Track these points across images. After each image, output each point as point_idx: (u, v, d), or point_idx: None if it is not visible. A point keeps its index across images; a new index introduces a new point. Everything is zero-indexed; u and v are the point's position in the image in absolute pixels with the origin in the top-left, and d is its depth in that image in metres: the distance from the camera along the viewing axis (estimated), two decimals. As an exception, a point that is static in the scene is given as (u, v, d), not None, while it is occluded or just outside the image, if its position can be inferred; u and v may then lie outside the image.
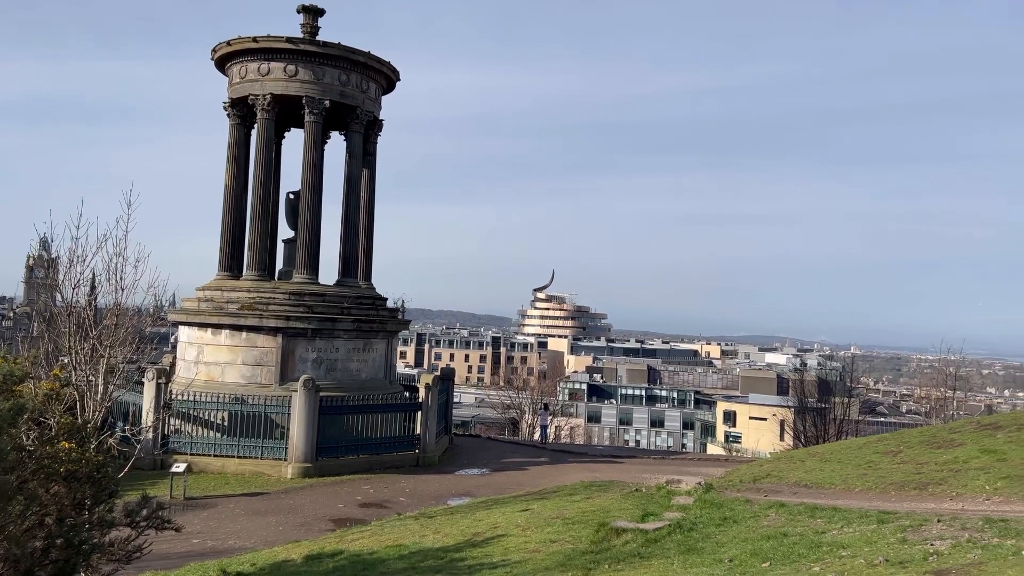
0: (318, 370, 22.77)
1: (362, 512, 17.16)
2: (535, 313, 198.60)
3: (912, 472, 13.18)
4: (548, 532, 11.68)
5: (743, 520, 10.97)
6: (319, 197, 24.59)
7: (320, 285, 24.35)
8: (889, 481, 12.99)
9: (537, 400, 55.20)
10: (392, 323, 25.53)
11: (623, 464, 24.75)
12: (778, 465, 17.16)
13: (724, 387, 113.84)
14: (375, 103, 25.92)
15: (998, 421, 16.66)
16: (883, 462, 14.80)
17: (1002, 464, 12.30)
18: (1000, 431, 14.98)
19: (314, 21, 24.50)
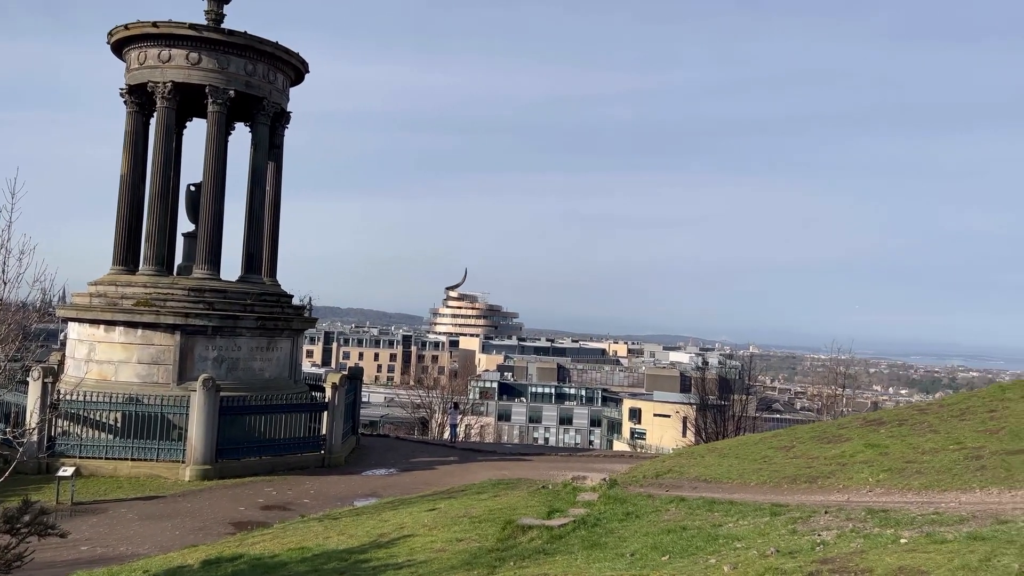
0: (219, 369, 22.02)
1: (264, 515, 16.70)
2: (447, 312, 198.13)
3: (803, 466, 13.81)
4: (455, 531, 11.66)
5: (645, 515, 11.24)
6: (222, 190, 23.78)
7: (222, 281, 23.56)
8: (783, 475, 13.56)
9: (447, 399, 55.08)
10: (298, 321, 24.96)
11: (531, 462, 24.99)
12: (679, 461, 17.67)
13: (631, 385, 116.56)
14: (283, 95, 25.27)
15: (881, 417, 17.66)
16: (777, 457, 15.45)
17: (884, 458, 13.04)
18: (883, 426, 15.88)
19: (219, 8, 23.69)
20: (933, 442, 13.43)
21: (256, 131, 24.70)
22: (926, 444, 13.38)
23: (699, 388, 44.86)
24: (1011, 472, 10.46)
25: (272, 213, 25.87)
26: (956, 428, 14.14)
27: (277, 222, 26.23)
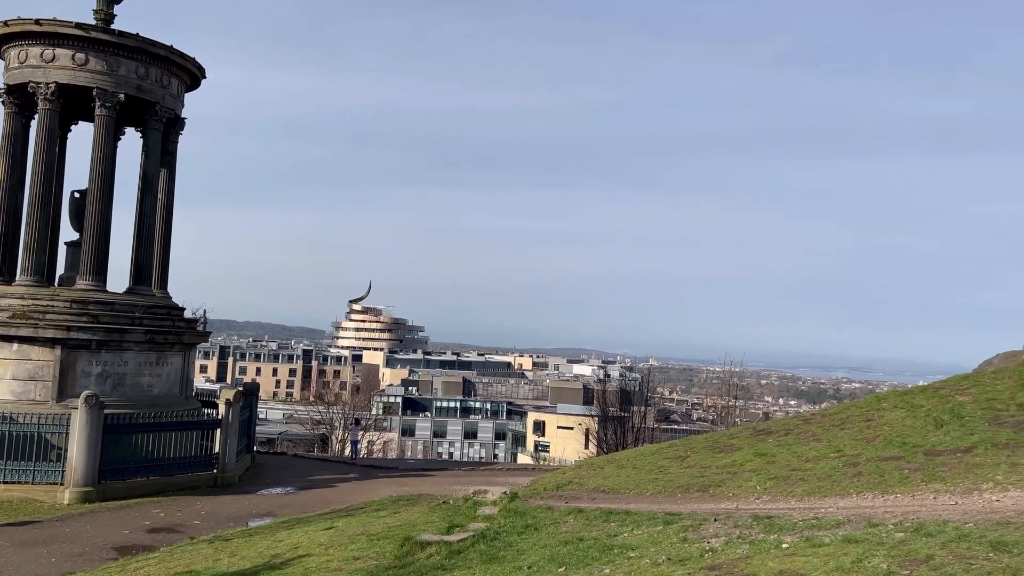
0: (103, 385, 20.90)
1: (150, 538, 15.91)
2: (350, 325, 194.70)
3: (696, 475, 14.26)
4: (352, 549, 11.43)
5: (544, 527, 11.34)
6: (109, 197, 22.67)
7: (108, 293, 22.41)
8: (677, 484, 13.96)
9: (349, 415, 54.05)
10: (190, 335, 23.99)
11: (434, 477, 24.81)
12: (579, 472, 17.93)
13: (535, 398, 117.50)
14: (177, 100, 24.35)
15: (770, 427, 18.43)
16: (672, 467, 15.89)
17: (771, 466, 13.62)
18: (771, 436, 16.57)
19: (109, 8, 22.65)
20: (816, 450, 14.11)
21: (148, 137, 23.68)
22: (809, 452, 14.05)
23: (601, 400, 45.75)
24: (884, 478, 11.11)
25: (164, 222, 24.83)
26: (837, 437, 14.90)
27: (169, 231, 25.18)
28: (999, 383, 15.55)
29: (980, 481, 9.91)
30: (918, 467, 11.35)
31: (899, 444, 13.04)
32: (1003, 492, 9.18)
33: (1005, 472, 10.07)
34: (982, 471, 10.37)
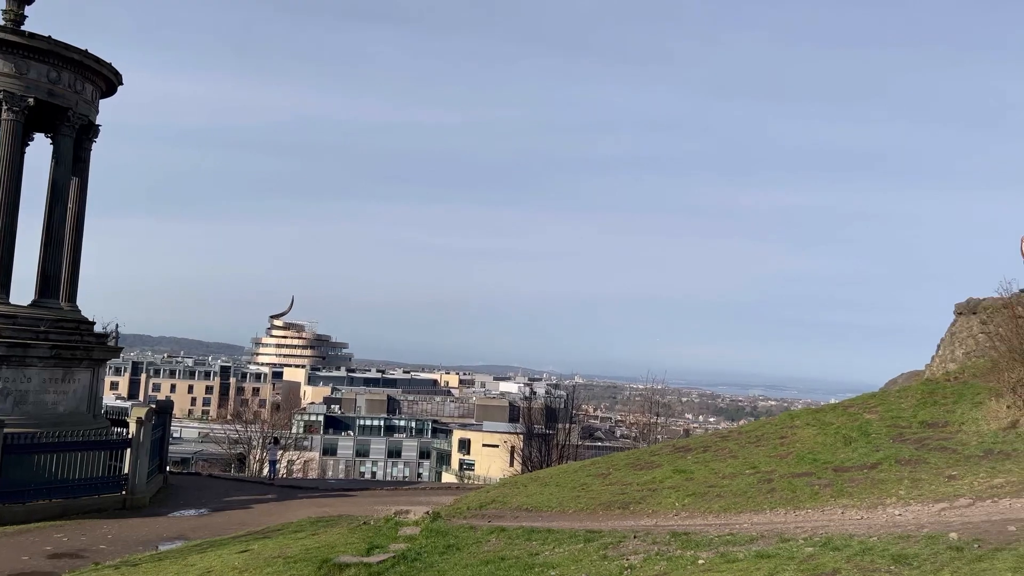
0: (4, 403, 19.83)
1: (51, 564, 15.09)
2: (271, 341, 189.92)
3: (618, 492, 14.42)
4: (268, 573, 11.10)
5: (466, 547, 11.26)
6: (15, 205, 21.63)
7: (11, 305, 21.30)
8: (599, 502, 14.09)
9: (268, 434, 52.63)
10: (99, 350, 23.00)
11: (356, 497, 24.37)
12: (503, 491, 17.89)
13: (461, 416, 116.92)
14: (91, 106, 23.47)
15: (689, 444, 18.82)
16: (595, 484, 16.03)
17: (689, 483, 13.89)
18: (690, 453, 16.92)
19: (20, 8, 21.74)
20: (732, 467, 14.47)
21: (59, 144, 22.72)
22: (726, 469, 14.40)
23: (526, 418, 45.81)
24: (796, 493, 11.48)
25: (74, 232, 23.80)
26: (752, 453, 15.33)
27: (79, 242, 24.14)
28: (903, 401, 16.31)
29: (884, 496, 10.34)
30: (828, 483, 11.77)
31: (810, 460, 13.50)
32: (905, 507, 9.60)
33: (907, 487, 10.54)
34: (886, 486, 10.82)
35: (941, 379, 18.22)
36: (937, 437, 13.37)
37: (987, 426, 13.07)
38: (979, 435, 12.73)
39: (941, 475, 10.85)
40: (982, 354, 18.34)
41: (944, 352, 22.73)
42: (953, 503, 9.13)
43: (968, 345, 20.77)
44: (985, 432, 12.80)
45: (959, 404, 14.95)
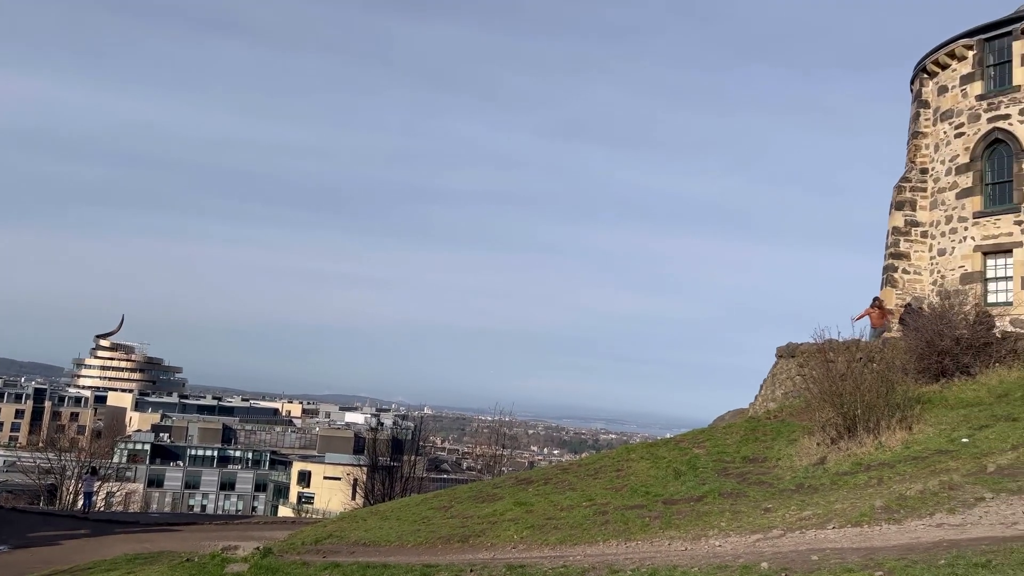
0: None
1: None
2: (95, 363, 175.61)
3: (458, 525, 14.38)
4: (72, 617, 10.16)
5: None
6: None
7: None
8: (439, 535, 13.98)
9: (85, 463, 48.46)
10: None
11: (181, 532, 22.85)
12: (341, 525, 17.39)
13: (303, 447, 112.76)
14: None
15: (531, 476, 19.10)
16: (436, 517, 15.91)
17: (529, 515, 14.08)
18: (532, 485, 17.18)
19: None
20: (571, 499, 14.82)
21: None
22: (565, 501, 14.73)
23: (371, 450, 44.87)
24: (628, 525, 11.91)
25: None
26: (590, 486, 15.78)
27: None
28: (728, 437, 17.38)
29: (708, 528, 10.93)
30: (658, 515, 12.30)
31: (643, 493, 14.07)
32: (725, 538, 10.19)
33: (728, 519, 11.20)
34: (710, 518, 11.45)
35: (763, 417, 19.59)
36: (757, 472, 14.33)
37: (800, 462, 14.15)
38: (793, 470, 13.76)
39: (758, 508, 11.61)
40: (798, 395, 19.93)
41: (766, 392, 24.49)
42: (767, 534, 9.79)
43: (787, 386, 22.51)
44: (798, 467, 13.85)
45: (777, 441, 16.12)
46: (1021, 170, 22.92)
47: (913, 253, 26.08)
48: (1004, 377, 16.17)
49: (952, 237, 24.63)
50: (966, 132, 24.45)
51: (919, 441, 13.18)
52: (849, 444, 13.84)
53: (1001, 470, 10.57)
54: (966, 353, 16.91)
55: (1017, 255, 22.77)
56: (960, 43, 24.77)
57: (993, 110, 23.79)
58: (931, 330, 17.40)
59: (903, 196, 26.50)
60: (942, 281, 24.54)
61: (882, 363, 15.34)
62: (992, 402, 14.70)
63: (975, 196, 24.00)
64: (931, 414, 14.53)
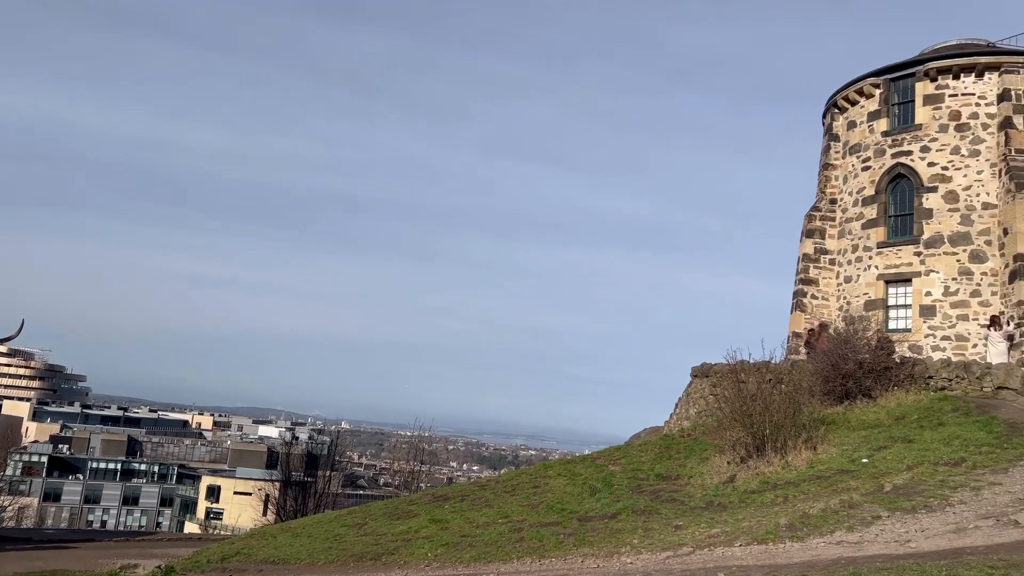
0: None
1: None
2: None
3: (371, 543, 14.13)
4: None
5: (200, 605, 10.42)
6: None
7: None
8: (351, 553, 13.70)
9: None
10: None
11: (78, 549, 21.71)
12: (249, 542, 16.86)
13: (212, 460, 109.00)
14: None
15: (448, 493, 18.97)
16: (349, 534, 15.59)
17: (445, 532, 13.96)
18: (448, 502, 17.04)
19: None
20: (487, 516, 14.77)
21: None
22: (481, 518, 14.67)
23: (285, 464, 43.76)
24: (542, 542, 11.94)
25: None
26: (507, 503, 15.76)
27: None
28: (643, 455, 17.67)
29: (620, 545, 11.06)
30: (572, 532, 12.38)
31: (559, 510, 14.15)
32: (637, 555, 10.33)
33: (640, 536, 11.36)
34: (623, 536, 11.60)
35: (677, 435, 20.01)
36: (669, 489, 14.61)
37: (711, 480, 14.50)
38: (704, 488, 14.08)
39: (670, 525, 11.82)
40: (711, 414, 20.44)
41: (680, 410, 25.04)
42: (677, 551, 9.97)
43: (700, 405, 23.07)
44: (708, 485, 14.19)
45: (689, 459, 16.48)
46: (921, 204, 24.29)
47: (821, 279, 27.23)
48: (902, 400, 16.98)
49: (857, 265, 25.83)
50: (872, 166, 25.75)
51: (823, 461, 13.69)
52: (757, 463, 14.26)
53: (897, 489, 11.07)
54: (868, 376, 17.68)
55: (916, 284, 24.05)
56: (868, 81, 26.13)
57: (897, 146, 25.15)
58: (836, 354, 18.15)
59: (813, 225, 27.67)
60: (847, 307, 25.67)
61: (790, 385, 15.89)
62: (891, 424, 15.41)
63: (879, 227, 25.26)
64: (835, 435, 15.13)
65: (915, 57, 25.66)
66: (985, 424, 14.15)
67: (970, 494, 10.55)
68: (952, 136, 24.20)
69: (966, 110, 24.18)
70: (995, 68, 23.99)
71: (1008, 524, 8.87)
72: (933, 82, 24.61)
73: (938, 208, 23.99)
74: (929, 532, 9.04)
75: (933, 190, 24.14)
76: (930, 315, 23.61)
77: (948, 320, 23.36)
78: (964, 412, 15.13)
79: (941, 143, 24.30)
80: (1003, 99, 23.68)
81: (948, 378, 17.82)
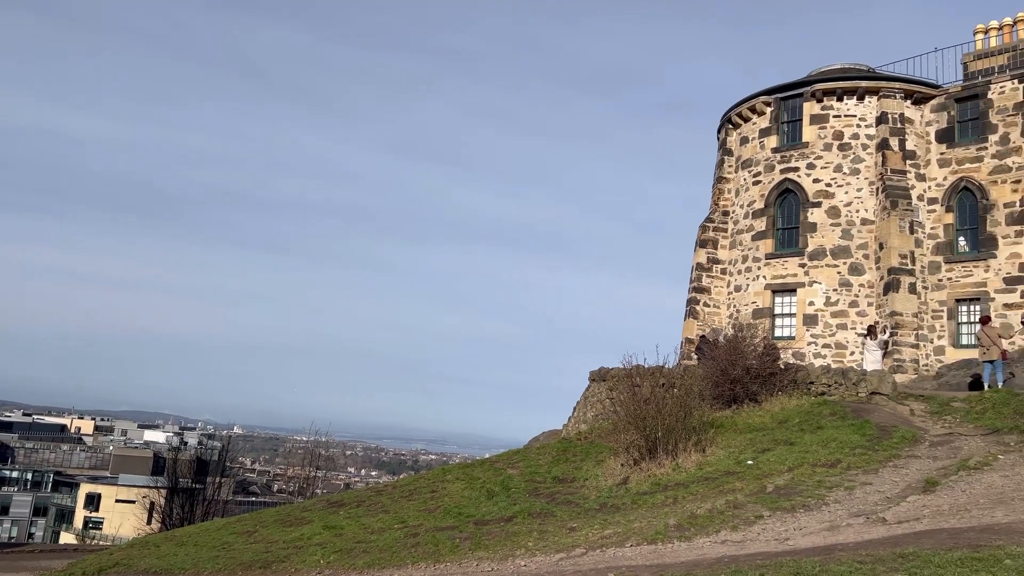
0: None
1: None
2: None
3: (262, 551, 13.70)
4: None
5: (72, 620, 9.83)
6: None
7: None
8: (239, 562, 13.25)
9: None
10: None
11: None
12: (130, 552, 16.07)
13: (93, 467, 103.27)
14: None
15: (344, 499, 18.61)
16: (238, 543, 15.07)
17: (338, 539, 13.68)
18: (343, 508, 16.72)
19: None
20: (383, 522, 14.58)
21: None
22: (376, 524, 14.46)
23: (172, 471, 42.01)
24: (438, 547, 11.87)
25: None
26: (404, 508, 15.60)
27: None
28: (541, 458, 17.85)
29: (515, 548, 11.12)
30: (468, 536, 12.36)
31: (456, 514, 14.11)
32: (531, 558, 10.42)
33: (535, 539, 11.46)
34: (518, 539, 11.67)
35: (574, 438, 20.31)
36: (565, 492, 14.81)
37: (605, 482, 14.79)
38: (598, 490, 14.35)
39: (565, 527, 11.98)
40: (608, 417, 20.87)
41: (578, 414, 25.46)
42: (570, 553, 10.11)
43: (598, 408, 23.52)
44: (603, 487, 14.46)
45: (585, 462, 16.76)
46: (806, 218, 25.59)
47: (713, 288, 28.28)
48: (785, 404, 17.81)
49: (747, 275, 26.98)
50: (762, 180, 26.96)
51: (711, 463, 14.20)
52: (650, 465, 14.65)
53: (778, 490, 11.60)
54: (755, 382, 18.46)
55: (800, 294, 25.31)
56: (760, 99, 27.36)
57: (785, 162, 26.43)
58: (726, 359, 18.86)
59: (707, 235, 28.73)
60: (737, 315, 26.76)
61: (682, 389, 16.39)
62: (774, 427, 16.13)
63: (768, 239, 26.47)
64: (723, 437, 15.72)
65: (803, 78, 27.06)
66: (859, 428, 15.01)
67: (844, 493, 11.16)
68: (835, 155, 25.64)
69: (848, 130, 25.67)
70: (874, 92, 25.59)
71: (877, 521, 9.43)
72: (819, 103, 26.01)
73: (821, 222, 25.36)
74: (806, 530, 9.50)
75: (817, 205, 25.50)
76: (812, 324, 24.91)
77: (829, 329, 24.70)
78: (841, 416, 16.00)
79: (825, 161, 25.71)
80: (881, 121, 25.28)
81: (827, 384, 18.82)
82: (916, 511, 9.60)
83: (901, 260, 23.75)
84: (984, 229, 23.92)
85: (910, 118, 25.47)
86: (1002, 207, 23.72)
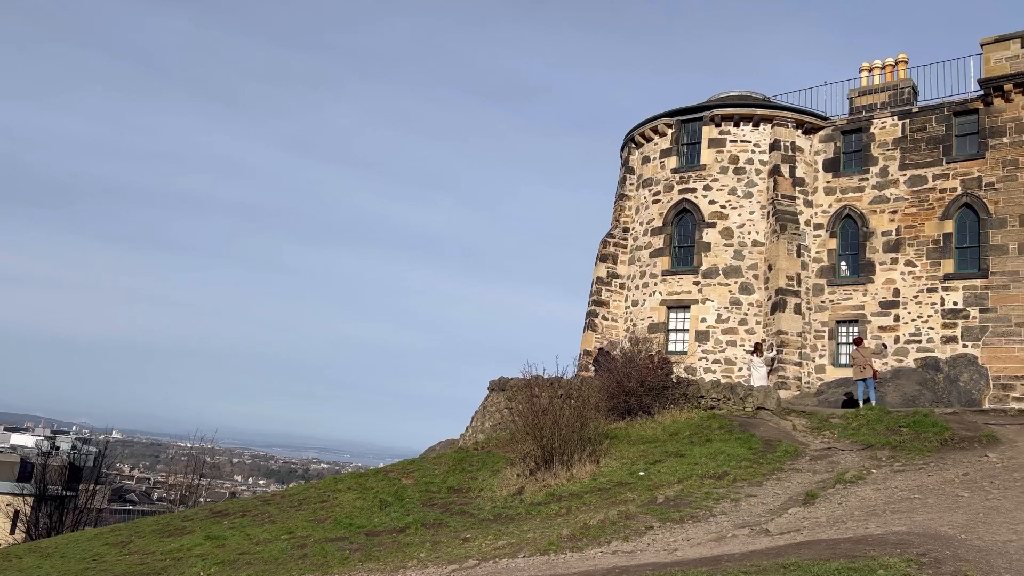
0: None
1: None
2: None
3: (137, 563, 12.97)
4: None
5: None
6: None
7: None
8: (112, 575, 12.48)
9: None
10: None
11: None
12: (-12, 566, 14.88)
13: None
14: None
15: (228, 508, 17.86)
16: (111, 554, 14.23)
17: (221, 550, 13.09)
18: (227, 518, 16.04)
19: None
20: (269, 532, 14.05)
21: None
22: (262, 534, 13.93)
23: (40, 477, 39.40)
24: (327, 559, 11.52)
25: None
26: (292, 518, 15.10)
27: None
28: (436, 468, 17.66)
29: (407, 559, 10.91)
30: (359, 547, 12.06)
31: (347, 525, 13.75)
32: (423, 569, 10.24)
33: (428, 550, 11.29)
34: (410, 550, 11.46)
35: (471, 448, 20.21)
36: (460, 502, 14.68)
37: (500, 492, 14.75)
38: (493, 500, 14.29)
39: (458, 538, 11.85)
40: (506, 427, 20.87)
41: (476, 423, 25.38)
42: (463, 564, 10.00)
43: (496, 418, 23.51)
44: (498, 498, 14.42)
45: (482, 472, 16.68)
46: (701, 238, 26.50)
47: (612, 302, 28.86)
48: (676, 417, 18.29)
49: (644, 291, 27.66)
50: (661, 199, 27.76)
51: (605, 474, 14.39)
52: (545, 475, 14.72)
53: (668, 501, 11.86)
54: (648, 394, 18.88)
55: (693, 311, 26.15)
56: (662, 121, 28.19)
57: (684, 183, 27.30)
58: (621, 372, 19.22)
59: (607, 250, 29.32)
60: (634, 329, 27.38)
61: (579, 400, 16.57)
62: (666, 439, 16.53)
63: (664, 256, 27.24)
64: (616, 449, 15.98)
65: (703, 103, 28.07)
66: (745, 441, 15.57)
67: (730, 505, 11.52)
68: (731, 178, 26.68)
69: (743, 155, 26.78)
70: (768, 120, 26.80)
71: (761, 532, 9.76)
72: (717, 127, 27.03)
73: (715, 242, 26.30)
74: (694, 541, 9.73)
75: (712, 226, 26.44)
76: (704, 340, 25.76)
77: (719, 345, 25.60)
78: (728, 430, 16.56)
79: (721, 183, 26.71)
80: (774, 148, 26.49)
81: (717, 398, 19.47)
82: (797, 523, 9.99)
83: (788, 282, 24.90)
84: (864, 255, 25.39)
85: (800, 147, 26.81)
86: (880, 235, 25.25)
